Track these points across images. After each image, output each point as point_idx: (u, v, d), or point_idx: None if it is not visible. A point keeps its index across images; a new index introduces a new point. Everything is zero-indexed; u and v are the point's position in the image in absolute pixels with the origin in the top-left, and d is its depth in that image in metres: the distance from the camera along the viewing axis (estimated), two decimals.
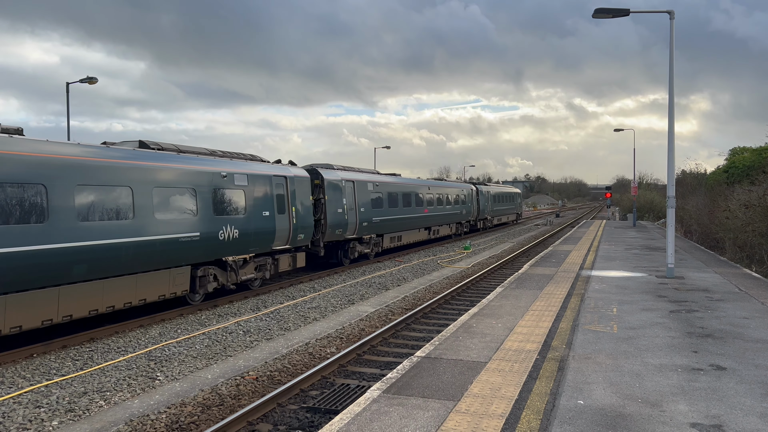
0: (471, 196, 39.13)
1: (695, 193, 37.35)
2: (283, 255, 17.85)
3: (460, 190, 36.71)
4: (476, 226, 41.67)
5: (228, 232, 14.67)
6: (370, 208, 23.55)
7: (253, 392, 9.11)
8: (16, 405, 8.11)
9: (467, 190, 38.47)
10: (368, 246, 24.07)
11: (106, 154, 11.90)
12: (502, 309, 11.97)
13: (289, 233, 17.55)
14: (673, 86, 16.38)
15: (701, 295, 13.46)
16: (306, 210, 18.64)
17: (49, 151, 10.62)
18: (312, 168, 20.72)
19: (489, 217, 44.40)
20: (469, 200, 38.38)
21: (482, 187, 43.13)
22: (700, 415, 6.22)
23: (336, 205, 20.81)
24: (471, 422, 6.05)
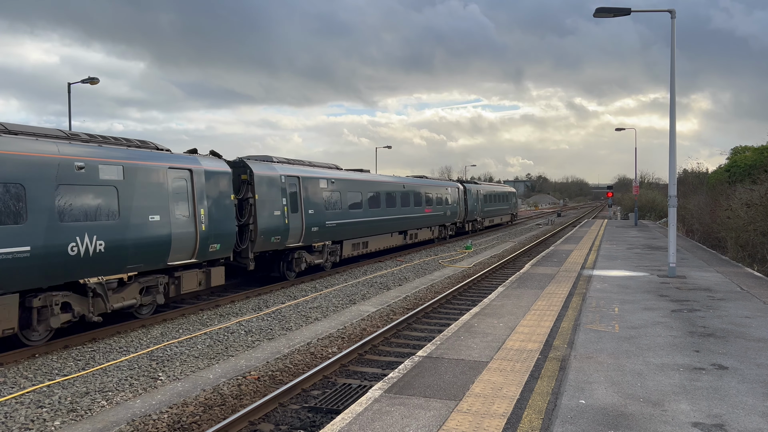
0: (457, 195, 35.97)
1: (697, 192, 37.30)
2: (188, 272, 14.03)
3: (443, 190, 33.48)
4: (464, 228, 38.63)
5: (86, 245, 11.05)
6: (322, 210, 19.75)
7: (254, 392, 9.12)
8: (18, 405, 8.13)
9: (452, 190, 35.31)
10: (321, 255, 20.20)
11: None
12: (503, 308, 11.97)
13: (195, 243, 13.73)
14: (675, 85, 16.37)
15: (703, 295, 13.44)
16: (224, 212, 14.87)
17: None
18: (239, 160, 16.89)
19: (479, 219, 41.24)
20: (454, 200, 35.17)
21: (471, 186, 39.84)
22: (702, 415, 6.22)
23: (271, 206, 16.97)
24: (473, 422, 6.05)
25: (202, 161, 14.54)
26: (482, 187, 43.00)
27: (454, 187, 35.87)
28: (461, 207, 36.68)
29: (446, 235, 34.95)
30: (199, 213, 13.87)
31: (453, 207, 34.81)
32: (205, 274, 14.65)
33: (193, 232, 13.72)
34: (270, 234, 16.90)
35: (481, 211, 41.38)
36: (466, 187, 38.60)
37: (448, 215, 33.93)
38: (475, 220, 40.47)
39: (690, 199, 36.32)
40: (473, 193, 39.60)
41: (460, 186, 37.57)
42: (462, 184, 38.62)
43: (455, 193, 35.66)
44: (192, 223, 13.75)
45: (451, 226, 35.65)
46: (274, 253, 18.08)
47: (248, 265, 16.45)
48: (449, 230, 35.46)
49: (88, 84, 26.06)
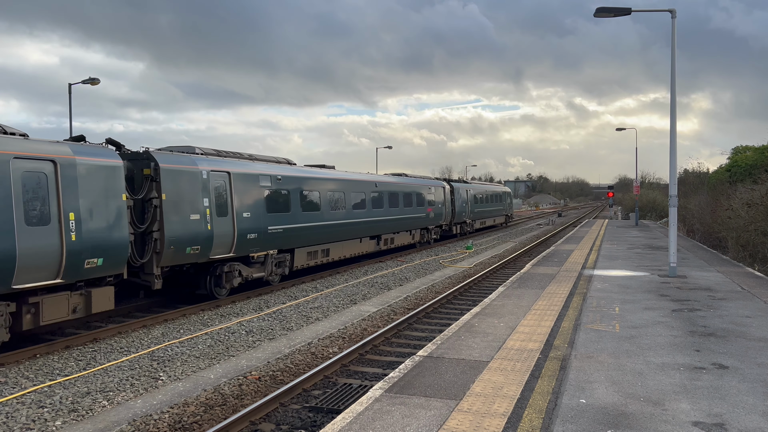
0: (443, 195, 32.65)
1: (698, 192, 37.30)
2: (50, 297, 10.76)
3: (426, 189, 30.14)
4: (451, 231, 35.40)
5: None
6: (262, 214, 16.30)
7: (255, 392, 9.13)
8: (19, 405, 8.14)
9: (437, 189, 31.95)
10: (264, 268, 16.73)
11: None
12: (504, 308, 11.97)
13: (60, 259, 10.55)
14: (675, 85, 16.37)
15: (704, 294, 13.44)
16: (110, 217, 11.71)
17: None
18: (143, 151, 13.53)
19: (468, 221, 37.93)
20: (439, 201, 31.91)
21: (459, 185, 36.56)
22: (703, 414, 6.22)
23: (186, 209, 13.67)
24: (473, 421, 6.06)
25: (77, 150, 11.29)
26: (472, 187, 39.84)
27: (438, 186, 32.60)
28: (447, 208, 33.49)
29: (430, 239, 31.71)
30: (66, 218, 10.71)
31: (438, 208, 31.62)
32: (83, 298, 11.42)
33: (56, 244, 10.50)
34: (184, 243, 13.51)
35: (471, 213, 38.38)
36: (454, 186, 35.53)
37: (431, 217, 30.73)
38: (464, 222, 37.42)
39: (691, 199, 36.31)
40: (461, 192, 36.52)
41: (447, 185, 34.36)
42: (449, 183, 35.53)
43: (440, 193, 32.49)
44: (56, 231, 10.53)
45: (435, 230, 32.39)
46: (197, 266, 14.79)
47: (153, 283, 13.15)
48: (433, 234, 32.16)
49: (88, 85, 26.08)
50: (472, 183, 41.20)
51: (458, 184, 37.04)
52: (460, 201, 36.12)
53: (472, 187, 39.59)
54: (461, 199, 36.34)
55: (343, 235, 21.47)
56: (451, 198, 34.68)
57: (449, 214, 34.17)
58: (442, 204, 32.51)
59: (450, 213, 34.33)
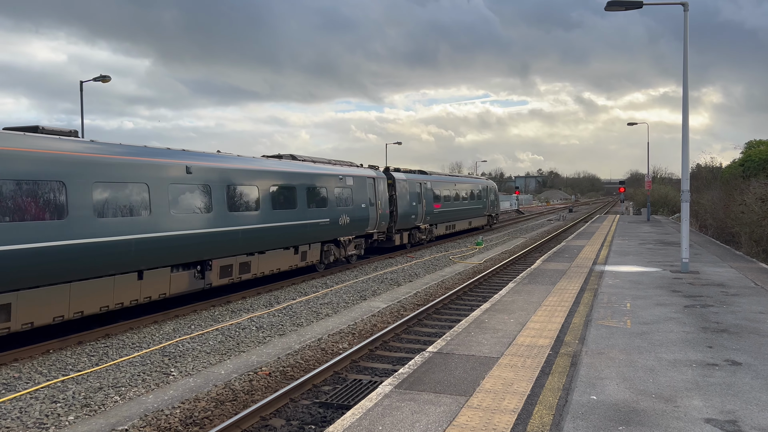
0: (371, 191, 22.96)
1: (710, 187, 36.94)
2: None
3: (332, 182, 19.96)
4: (391, 241, 25.58)
5: None
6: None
7: (266, 387, 9.16)
8: (33, 400, 8.22)
9: (359, 182, 22.07)
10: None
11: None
12: (514, 304, 11.93)
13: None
14: (687, 79, 16.20)
15: (716, 290, 13.33)
16: None
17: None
18: None
19: (425, 226, 28.73)
20: (363, 199, 22.06)
21: (406, 177, 27.11)
22: (715, 411, 6.17)
23: None
24: (483, 417, 6.04)
25: None
26: (431, 180, 30.27)
27: (362, 178, 22.56)
28: (380, 209, 23.68)
29: (342, 256, 20.91)
30: None
31: (357, 210, 21.52)
32: None
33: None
34: None
35: (427, 214, 28.82)
36: (397, 178, 25.97)
37: (342, 224, 20.32)
38: (415, 227, 28.00)
39: (703, 194, 35.98)
40: (409, 187, 27.11)
41: (379, 177, 24.27)
42: (388, 173, 26.05)
43: (365, 187, 22.55)
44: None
45: (355, 242, 21.98)
46: None
47: None
48: (351, 248, 21.67)
49: (96, 82, 26.26)
50: (431, 175, 31.08)
51: (405, 175, 27.33)
52: (408, 199, 26.69)
53: (430, 179, 30.06)
54: (411, 196, 27.07)
55: (104, 268, 11.21)
56: (392, 195, 25.40)
57: (383, 217, 23.96)
58: (369, 204, 22.56)
59: (384, 216, 24.17)
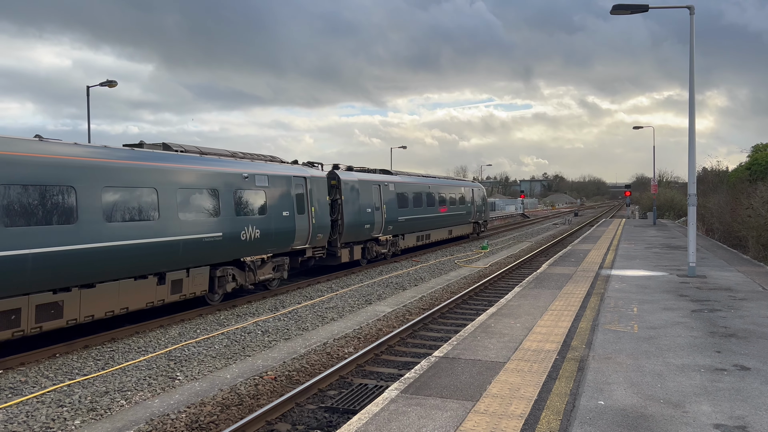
0: (299, 194, 17.64)
1: (717, 190, 36.78)
2: None
3: (235, 181, 15.02)
4: (335, 257, 20.17)
5: None
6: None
7: (271, 392, 9.15)
8: (39, 404, 8.24)
9: (283, 182, 16.98)
10: None
11: None
12: (520, 309, 11.89)
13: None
14: (694, 83, 16.16)
15: (724, 294, 13.25)
16: None
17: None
18: None
19: (386, 237, 23.50)
20: (286, 205, 16.87)
21: (357, 178, 21.74)
22: (724, 416, 6.12)
23: None
24: (490, 423, 6.01)
25: None
26: (397, 181, 25.07)
27: (288, 177, 17.27)
28: (314, 218, 18.22)
29: (247, 283, 15.47)
30: None
31: (278, 221, 16.44)
32: None
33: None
34: None
35: (391, 223, 23.76)
36: (342, 178, 20.68)
37: (254, 239, 15.31)
38: (373, 239, 22.72)
39: (710, 198, 35.82)
40: (364, 190, 21.86)
41: (312, 175, 18.69)
42: (333, 172, 20.70)
43: (291, 190, 17.26)
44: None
45: (274, 262, 16.68)
46: None
47: None
48: (263, 272, 16.08)
49: (100, 87, 26.39)
50: (397, 175, 26.22)
51: (358, 175, 22.07)
52: (360, 204, 21.40)
53: (395, 181, 24.93)
54: (363, 201, 21.64)
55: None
56: (337, 200, 20.29)
57: (319, 228, 18.55)
58: (297, 211, 17.32)
59: (323, 227, 18.83)
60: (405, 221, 25.19)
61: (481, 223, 37.24)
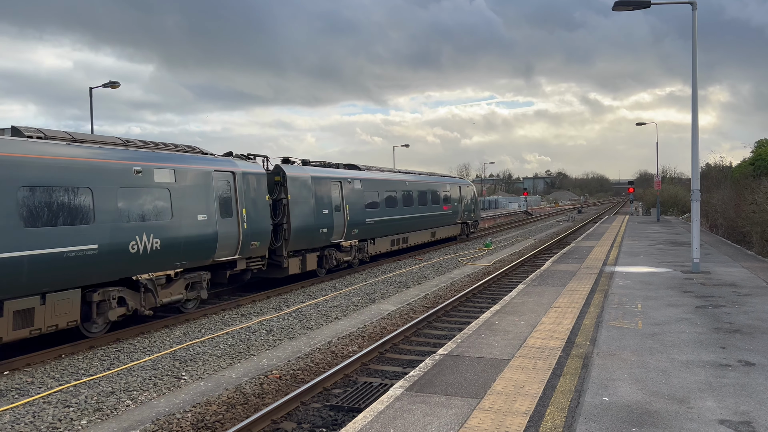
0: (222, 193, 14.29)
1: (720, 186, 36.68)
2: None
3: (116, 178, 11.66)
4: (282, 265, 16.96)
5: None
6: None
7: (276, 391, 9.18)
8: (45, 404, 8.28)
9: (182, 179, 13.16)
10: None
11: None
12: (524, 306, 11.89)
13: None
14: (697, 78, 16.13)
15: (728, 290, 13.23)
16: None
17: None
18: None
19: (350, 243, 20.18)
20: (199, 207, 13.49)
21: (309, 173, 18.28)
22: (729, 412, 6.12)
23: None
24: (495, 420, 6.02)
25: None
26: (364, 177, 21.86)
27: (197, 173, 13.68)
28: (244, 223, 14.84)
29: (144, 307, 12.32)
30: None
31: (185, 226, 13.06)
32: None
33: None
34: None
35: (357, 226, 20.55)
36: (289, 174, 17.20)
37: (151, 251, 12.21)
38: (333, 246, 19.44)
39: (713, 194, 35.73)
40: (320, 188, 18.50)
41: (242, 169, 15.19)
42: (279, 167, 17.35)
43: (210, 187, 13.96)
44: None
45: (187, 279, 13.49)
46: None
47: None
48: (168, 293, 12.92)
49: (102, 88, 26.48)
50: (365, 170, 23.01)
51: (312, 170, 18.58)
52: (313, 205, 17.97)
53: (361, 177, 21.61)
54: (317, 201, 18.21)
55: None
56: (282, 199, 16.91)
57: (254, 235, 15.18)
58: (219, 215, 14.02)
59: (260, 233, 15.46)
60: (375, 224, 22.10)
61: (470, 223, 34.38)
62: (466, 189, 33.54)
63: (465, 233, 33.53)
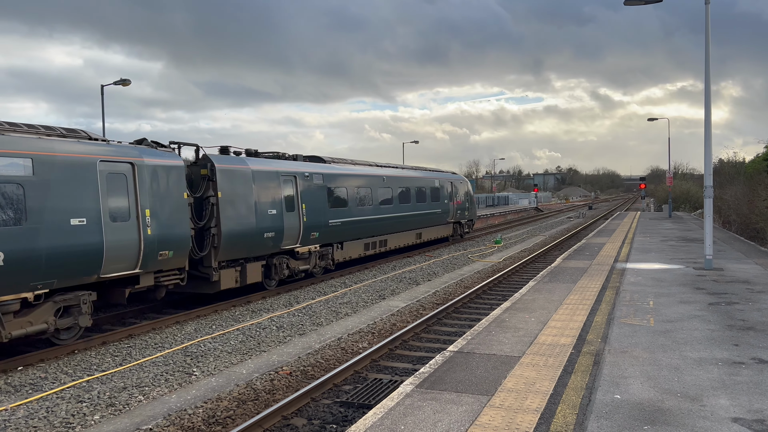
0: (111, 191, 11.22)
1: (733, 182, 36.35)
2: None
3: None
4: (210, 278, 13.91)
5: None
6: None
7: (287, 387, 9.21)
8: (59, 400, 8.36)
9: (45, 173, 10.03)
10: None
11: None
12: (535, 303, 11.84)
13: None
14: (710, 74, 15.96)
15: (741, 287, 13.10)
16: None
17: None
18: None
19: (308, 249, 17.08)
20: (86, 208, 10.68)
21: (248, 166, 15.06)
22: (743, 410, 6.06)
23: None
24: (505, 417, 6.01)
25: None
26: (327, 171, 18.64)
27: (73, 164, 10.60)
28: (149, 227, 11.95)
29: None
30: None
31: (53, 234, 10.03)
32: None
33: None
34: None
35: (319, 229, 17.51)
36: (219, 167, 14.12)
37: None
38: (285, 253, 16.34)
39: (726, 190, 35.41)
40: (264, 183, 15.44)
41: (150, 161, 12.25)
42: (208, 157, 14.21)
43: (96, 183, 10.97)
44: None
45: (68, 300, 10.59)
46: None
47: None
48: (39, 318, 10.07)
49: (112, 85, 26.63)
50: (330, 163, 19.83)
51: (248, 161, 15.35)
52: (254, 204, 14.95)
53: (320, 171, 18.18)
54: (262, 199, 15.23)
55: None
56: (210, 197, 13.87)
57: (165, 242, 12.35)
58: (113, 217, 11.29)
59: (173, 240, 12.57)
60: (342, 225, 18.97)
61: (464, 223, 31.29)
62: (459, 184, 30.76)
63: (458, 233, 30.77)
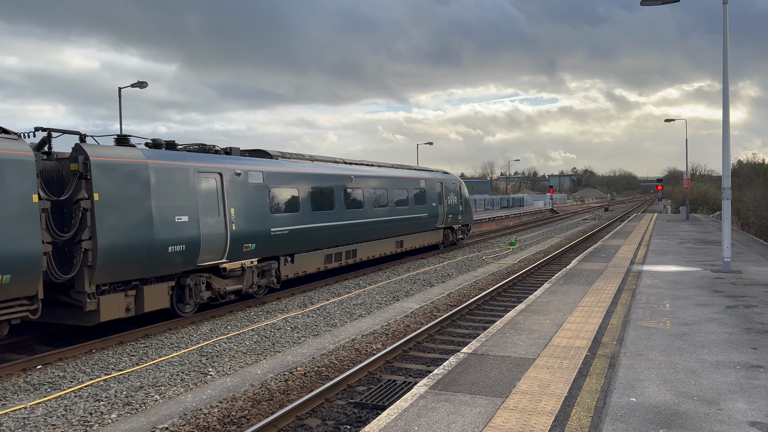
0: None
1: (752, 184, 35.87)
2: None
3: None
4: (81, 306, 10.59)
5: None
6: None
7: (301, 387, 9.25)
8: (77, 398, 8.47)
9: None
10: None
11: None
12: (549, 305, 11.78)
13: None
14: (728, 73, 15.79)
15: (760, 290, 12.93)
16: None
17: None
18: None
19: (238, 265, 13.77)
20: None
21: (144, 158, 11.56)
22: (761, 414, 5.99)
23: None
24: (520, 419, 5.99)
25: None
26: (271, 168, 15.30)
27: None
28: None
29: None
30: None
31: None
32: None
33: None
34: None
35: (256, 239, 14.26)
36: (96, 160, 10.61)
37: None
38: (202, 270, 13.04)
39: (745, 191, 34.95)
40: (167, 181, 11.94)
41: None
42: (80, 148, 10.65)
43: None
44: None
45: None
46: None
47: None
48: None
49: (128, 88, 26.93)
50: (278, 159, 16.56)
51: (149, 153, 11.94)
52: (153, 209, 11.61)
53: (261, 169, 14.92)
54: (165, 203, 11.90)
55: None
56: (81, 200, 10.50)
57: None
58: None
59: (10, 259, 9.13)
60: (290, 234, 15.65)
61: (457, 228, 27.73)
62: (451, 185, 26.98)
63: (451, 240, 27.37)
